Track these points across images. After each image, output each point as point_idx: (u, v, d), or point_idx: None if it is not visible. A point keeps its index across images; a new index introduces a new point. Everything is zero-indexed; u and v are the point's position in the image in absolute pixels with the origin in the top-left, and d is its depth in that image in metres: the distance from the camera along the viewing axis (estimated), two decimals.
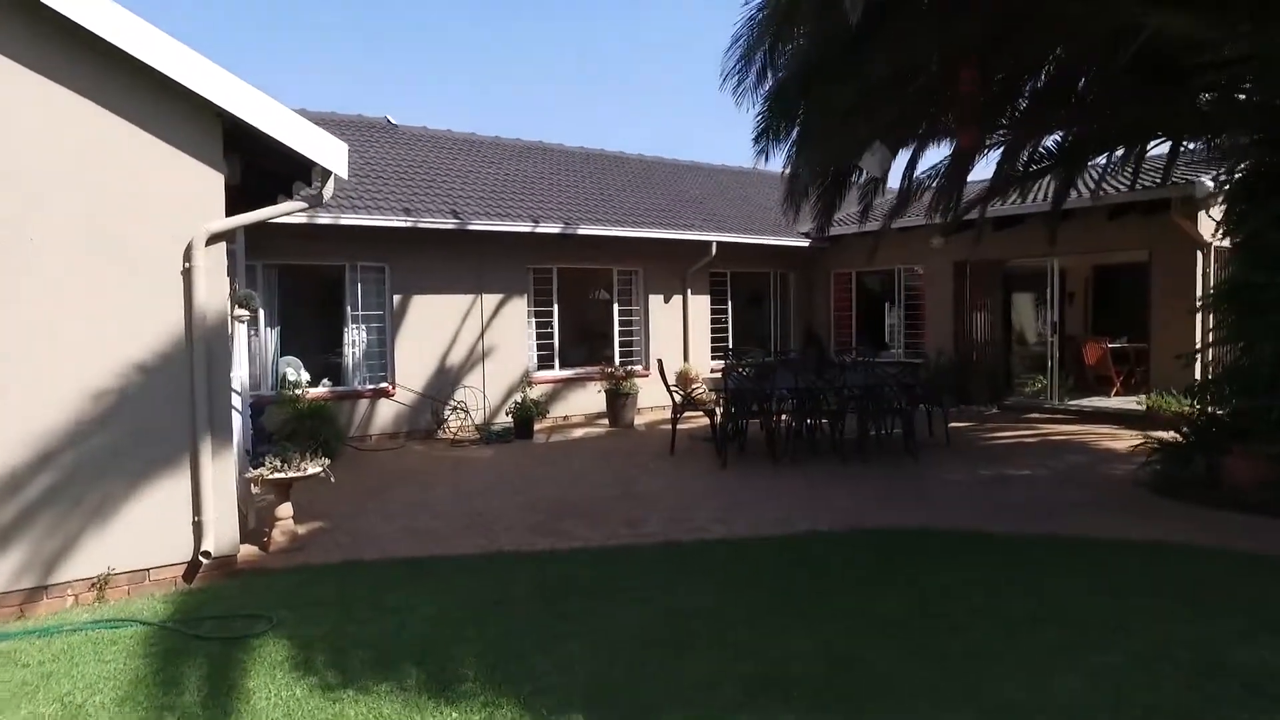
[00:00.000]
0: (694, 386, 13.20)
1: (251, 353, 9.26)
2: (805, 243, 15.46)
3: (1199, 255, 11.14)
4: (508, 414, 11.71)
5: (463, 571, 5.54)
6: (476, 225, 11.38)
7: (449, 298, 11.84)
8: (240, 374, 6.56)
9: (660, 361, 10.35)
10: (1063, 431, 11.09)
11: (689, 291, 14.45)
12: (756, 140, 8.90)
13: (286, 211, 5.74)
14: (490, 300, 12.24)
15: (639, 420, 12.77)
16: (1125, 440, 10.27)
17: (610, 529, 6.55)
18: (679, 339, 14.45)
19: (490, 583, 5.27)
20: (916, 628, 4.34)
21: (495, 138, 16.29)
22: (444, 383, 11.78)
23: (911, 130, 8.51)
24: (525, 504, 7.45)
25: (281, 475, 6.03)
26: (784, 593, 5.01)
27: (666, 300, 14.27)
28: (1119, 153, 10.58)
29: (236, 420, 5.80)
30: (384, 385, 11.31)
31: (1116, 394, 13.74)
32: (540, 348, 12.99)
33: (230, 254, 5.63)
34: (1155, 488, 7.31)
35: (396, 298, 11.38)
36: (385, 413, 11.29)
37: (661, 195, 15.65)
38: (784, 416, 9.69)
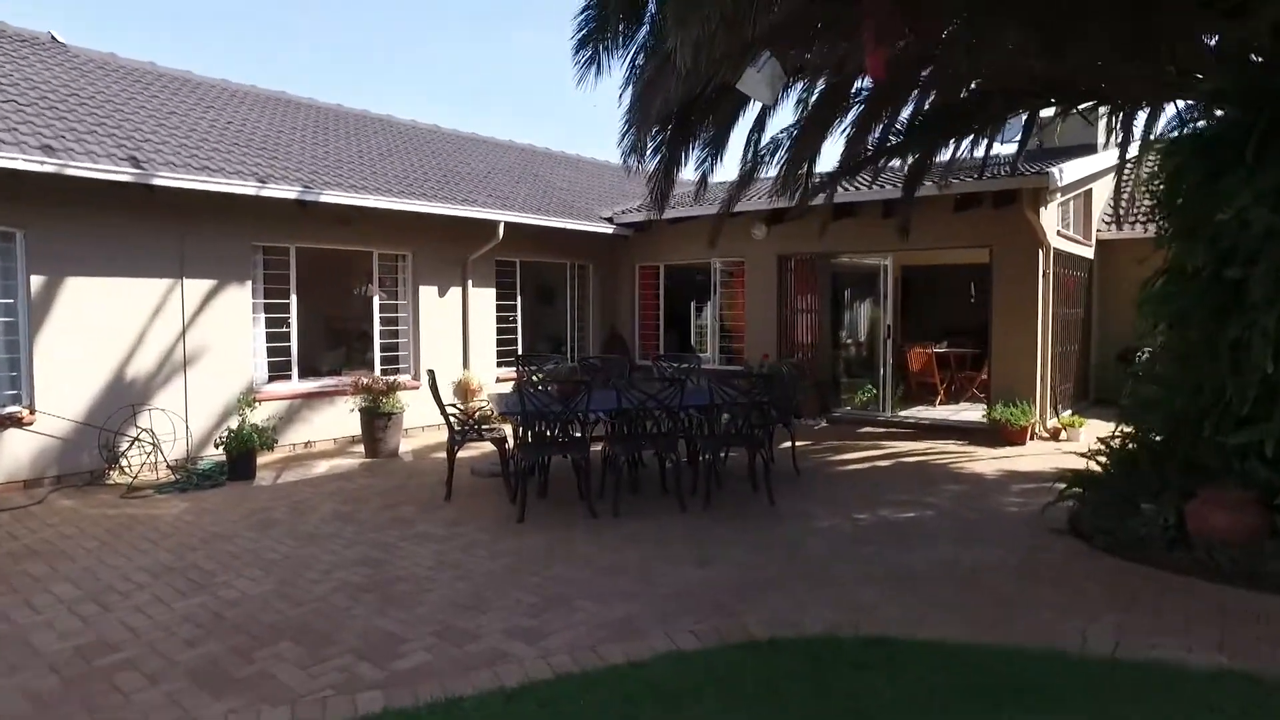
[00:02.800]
0: (477, 401, 10.57)
1: None
2: (609, 229, 13.25)
3: (1040, 254, 10.16)
4: (218, 445, 8.42)
5: None
6: (168, 179, 8.01)
7: (130, 283, 8.36)
8: None
9: (432, 374, 7.62)
10: (911, 450, 9.65)
11: (470, 283, 11.75)
12: (580, 46, 6.36)
13: None
14: (197, 288, 8.88)
15: (406, 446, 9.92)
16: (984, 460, 8.93)
17: (337, 668, 3.84)
18: (458, 341, 11.71)
19: None
20: None
21: (222, 80, 12.65)
22: (121, 403, 8.28)
23: (801, 42, 6.31)
24: (201, 616, 4.52)
25: None
26: None
27: (442, 293, 11.48)
28: (967, 141, 9.25)
29: None
30: (13, 410, 7.66)
31: (941, 403, 12.79)
32: (274, 352, 9.75)
33: None
34: (1090, 539, 5.71)
35: (37, 280, 7.75)
36: (16, 449, 7.63)
37: (438, 167, 12.80)
38: (599, 444, 7.37)
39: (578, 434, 7.10)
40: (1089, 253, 12.88)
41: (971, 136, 8.99)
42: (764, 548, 5.82)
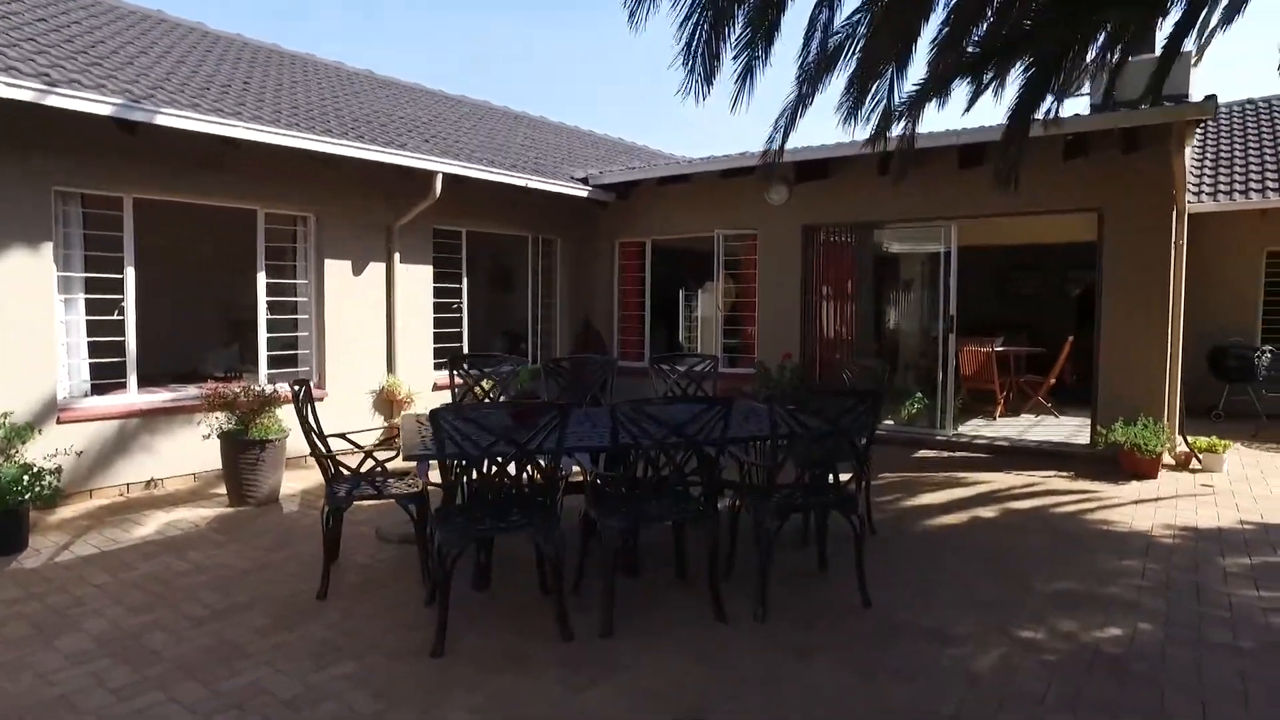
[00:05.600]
0: (405, 417, 7.62)
1: None
2: (583, 191, 10.33)
3: (1174, 219, 7.49)
4: None
5: None
6: None
7: None
8: None
9: (301, 386, 4.59)
10: (1008, 488, 6.90)
11: (398, 257, 8.77)
12: None
13: None
14: None
15: (293, 486, 6.92)
16: (1124, 505, 6.21)
17: None
18: (380, 335, 8.73)
19: None
20: None
21: None
22: None
23: None
24: None
25: None
26: None
27: (358, 269, 8.49)
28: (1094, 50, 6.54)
29: None
30: None
31: (1000, 415, 10.11)
32: (98, 350, 6.72)
33: None
34: None
35: None
36: None
37: (362, 109, 9.78)
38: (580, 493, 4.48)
39: (541, 491, 4.21)
40: None
41: (1105, 39, 6.26)
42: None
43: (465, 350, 9.72)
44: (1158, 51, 6.83)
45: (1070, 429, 9.33)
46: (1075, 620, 4.05)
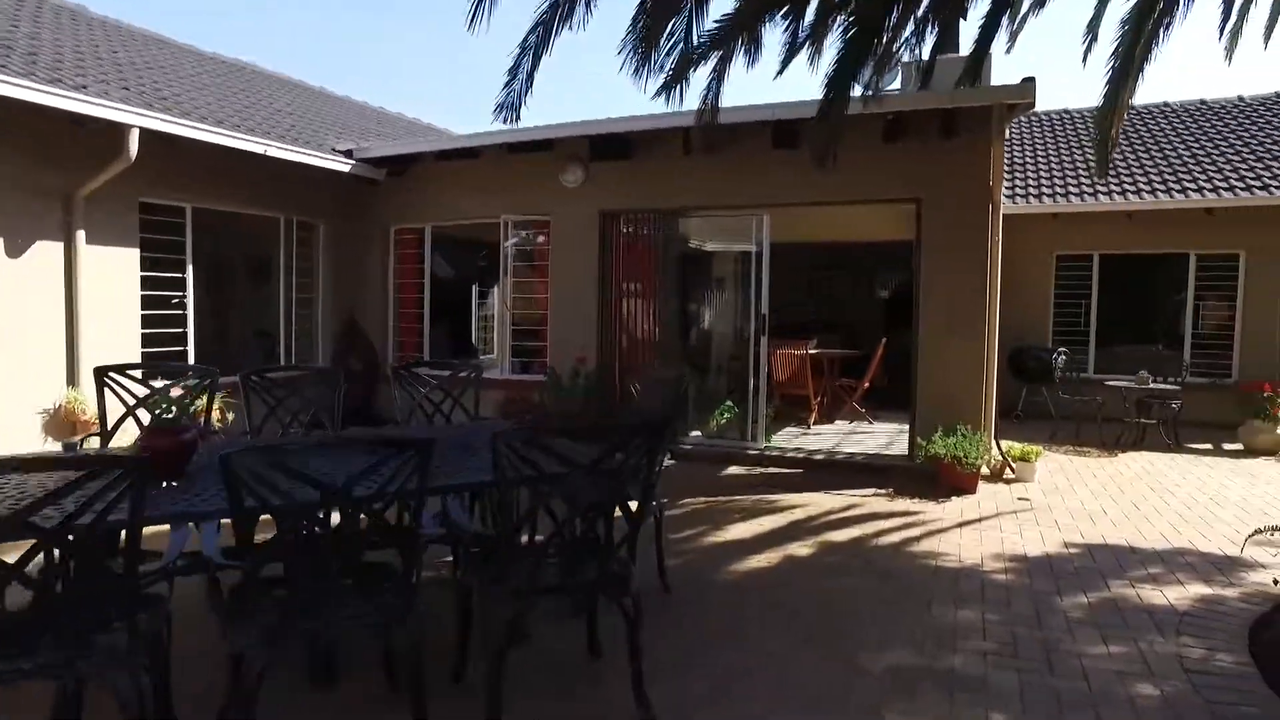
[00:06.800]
0: (90, 443, 5.73)
1: None
2: (344, 165, 8.67)
3: (990, 213, 6.97)
4: None
5: None
6: None
7: None
8: None
9: None
10: (826, 513, 6.04)
11: (83, 236, 6.78)
12: None
13: None
14: None
15: None
16: (949, 530, 5.50)
17: None
18: (58, 337, 6.71)
19: None
20: None
21: None
22: None
23: None
24: None
25: None
26: None
27: (16, 251, 6.43)
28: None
29: None
30: None
31: (815, 423, 9.48)
32: None
33: None
34: None
35: None
36: None
37: (44, 40, 7.60)
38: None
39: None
40: None
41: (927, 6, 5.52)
42: None
43: (191, 358, 7.83)
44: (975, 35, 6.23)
45: (886, 436, 8.80)
46: (916, 717, 3.07)
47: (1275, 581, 4.31)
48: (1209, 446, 9.15)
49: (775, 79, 11.75)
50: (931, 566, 4.82)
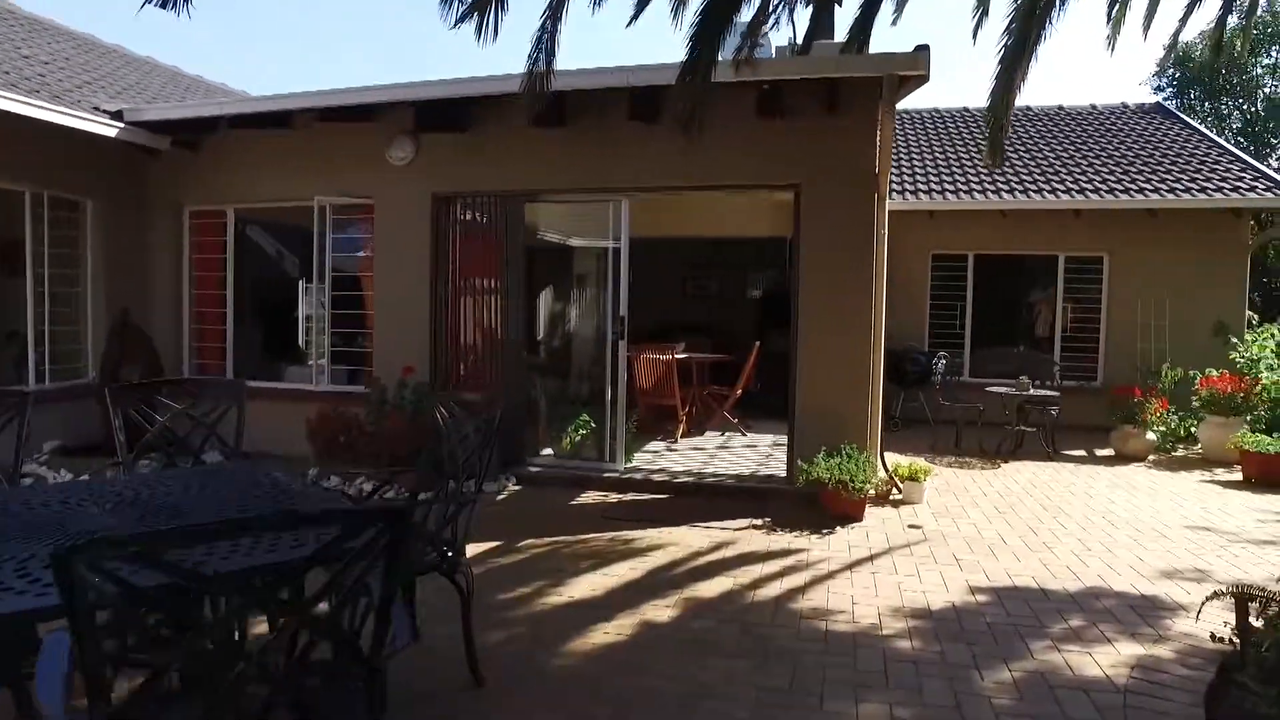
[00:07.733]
0: None
1: None
2: (111, 130, 7.01)
3: (875, 203, 6.17)
4: None
5: None
6: None
7: None
8: None
9: None
10: (692, 554, 5.02)
11: None
12: None
13: None
14: None
15: None
16: (838, 576, 4.60)
17: None
18: None
19: None
20: None
21: None
22: None
23: None
24: None
25: None
26: None
27: None
28: None
29: None
30: None
31: (683, 435, 8.55)
32: None
33: None
34: None
35: None
36: None
37: None
38: None
39: None
40: None
41: None
42: None
43: None
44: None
45: (762, 451, 7.96)
46: None
47: (1213, 637, 3.62)
48: (1083, 453, 8.84)
49: (628, 26, 10.73)
50: (821, 631, 3.88)
